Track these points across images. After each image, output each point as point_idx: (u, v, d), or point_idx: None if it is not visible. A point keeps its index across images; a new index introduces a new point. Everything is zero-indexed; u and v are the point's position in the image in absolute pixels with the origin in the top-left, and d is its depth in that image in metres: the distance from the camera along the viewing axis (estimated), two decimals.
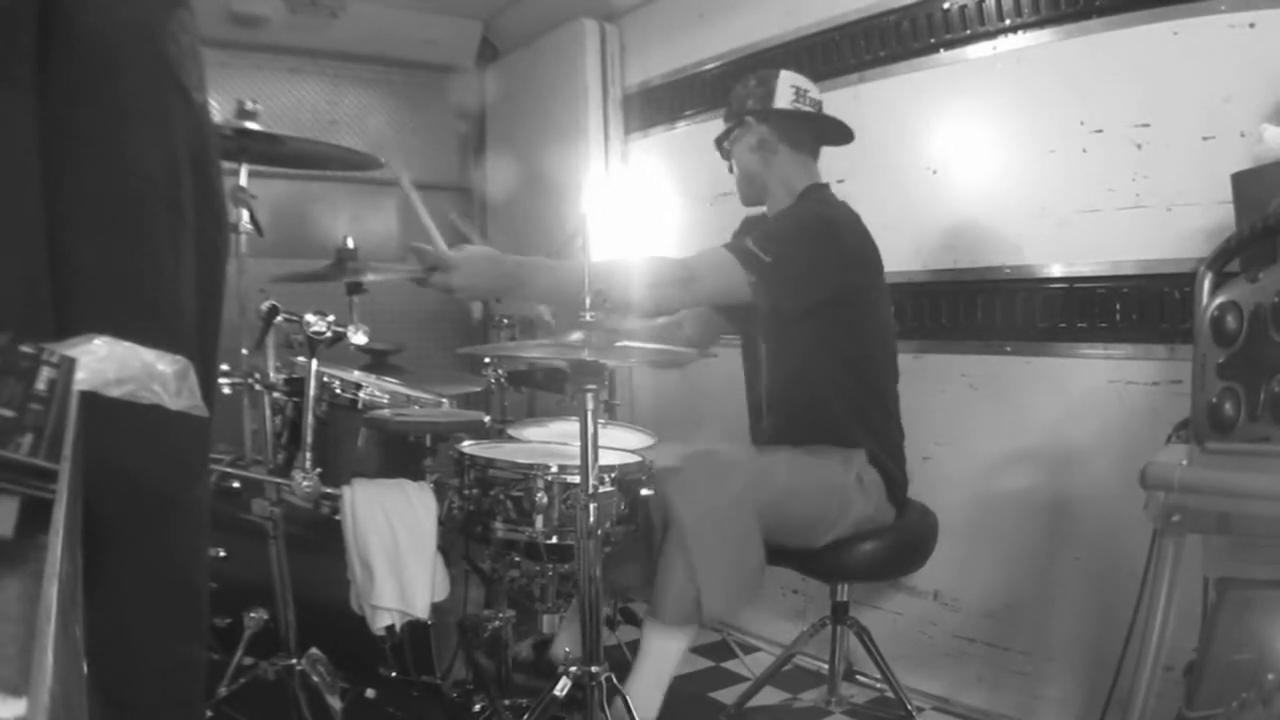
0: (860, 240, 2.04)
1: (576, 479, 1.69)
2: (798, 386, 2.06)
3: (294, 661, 1.92)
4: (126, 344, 0.87)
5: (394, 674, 2.03)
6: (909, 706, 2.15)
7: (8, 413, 0.57)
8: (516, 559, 1.99)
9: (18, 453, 0.55)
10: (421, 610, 1.80)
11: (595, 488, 1.63)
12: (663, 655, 1.83)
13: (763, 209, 2.25)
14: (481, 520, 1.90)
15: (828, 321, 2.00)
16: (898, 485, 2.07)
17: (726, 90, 2.26)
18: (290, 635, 1.95)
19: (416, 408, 2.21)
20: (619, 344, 1.55)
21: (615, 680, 1.70)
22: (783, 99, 2.10)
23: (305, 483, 1.85)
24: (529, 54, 3.76)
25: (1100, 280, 2.09)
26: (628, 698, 1.73)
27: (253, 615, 1.98)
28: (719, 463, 1.86)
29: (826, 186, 2.16)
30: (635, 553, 2.01)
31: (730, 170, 2.21)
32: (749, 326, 2.22)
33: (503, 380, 2.54)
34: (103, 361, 0.82)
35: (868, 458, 2.01)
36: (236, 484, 2.02)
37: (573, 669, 1.69)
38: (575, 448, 1.65)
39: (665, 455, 2.06)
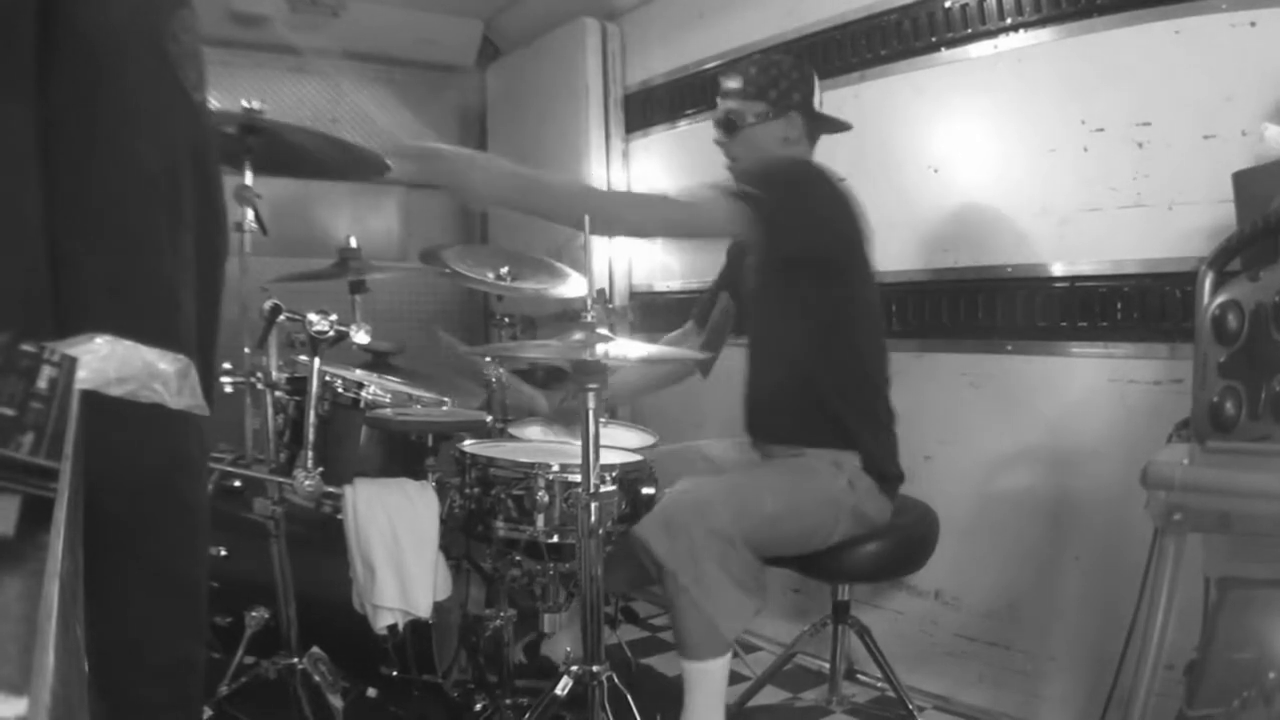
0: (846, 192, 1.99)
1: (578, 478, 1.69)
2: (791, 378, 2.02)
3: (295, 660, 1.93)
4: (127, 343, 0.87)
5: (395, 673, 2.03)
6: (910, 706, 2.15)
7: (9, 411, 0.57)
8: (518, 558, 1.99)
9: (19, 451, 0.55)
10: (423, 609, 1.81)
11: (596, 487, 1.63)
12: (710, 683, 1.80)
13: None
14: (483, 519, 1.90)
15: (820, 298, 1.96)
16: (891, 479, 2.03)
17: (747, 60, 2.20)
18: (291, 634, 1.95)
19: (418, 407, 2.21)
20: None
21: (616, 679, 1.70)
22: (818, 102, 2.11)
23: (307, 482, 1.85)
24: (529, 53, 3.76)
25: (1101, 279, 2.09)
26: None
27: (254, 614, 1.98)
28: (694, 500, 1.80)
29: None
30: (629, 554, 2.00)
31: (718, 133, 2.13)
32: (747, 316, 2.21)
33: (503, 380, 2.54)
34: (104, 360, 0.82)
35: (860, 460, 1.97)
36: (238, 483, 2.03)
37: (574, 668, 1.70)
38: (576, 447, 1.65)
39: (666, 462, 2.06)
